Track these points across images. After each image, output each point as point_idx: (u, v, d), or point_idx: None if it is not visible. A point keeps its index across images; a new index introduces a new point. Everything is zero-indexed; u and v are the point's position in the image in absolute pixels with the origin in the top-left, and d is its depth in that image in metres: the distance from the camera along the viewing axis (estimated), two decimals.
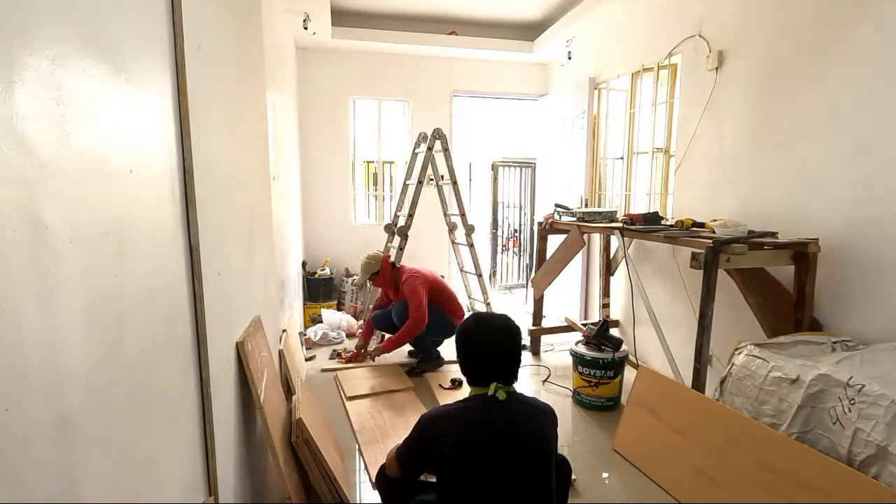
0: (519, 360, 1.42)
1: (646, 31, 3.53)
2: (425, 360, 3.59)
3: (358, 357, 3.60)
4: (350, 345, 3.90)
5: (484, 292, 4.62)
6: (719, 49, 2.81)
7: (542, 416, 1.40)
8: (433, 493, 1.48)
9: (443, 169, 4.46)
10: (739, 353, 2.09)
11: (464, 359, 1.45)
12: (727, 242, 2.13)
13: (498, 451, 1.30)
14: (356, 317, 4.58)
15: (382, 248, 4.57)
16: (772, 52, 2.49)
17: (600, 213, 3.36)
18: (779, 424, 1.82)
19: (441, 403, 2.30)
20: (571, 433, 2.63)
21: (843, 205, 2.14)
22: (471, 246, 4.51)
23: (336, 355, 3.69)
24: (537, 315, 3.84)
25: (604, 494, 2.09)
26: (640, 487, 2.15)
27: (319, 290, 4.67)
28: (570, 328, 3.83)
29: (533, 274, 3.95)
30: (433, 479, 1.44)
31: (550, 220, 3.68)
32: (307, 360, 3.60)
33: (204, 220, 1.23)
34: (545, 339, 3.99)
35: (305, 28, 4.02)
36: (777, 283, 2.39)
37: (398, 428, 2.59)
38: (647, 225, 2.78)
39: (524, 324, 4.16)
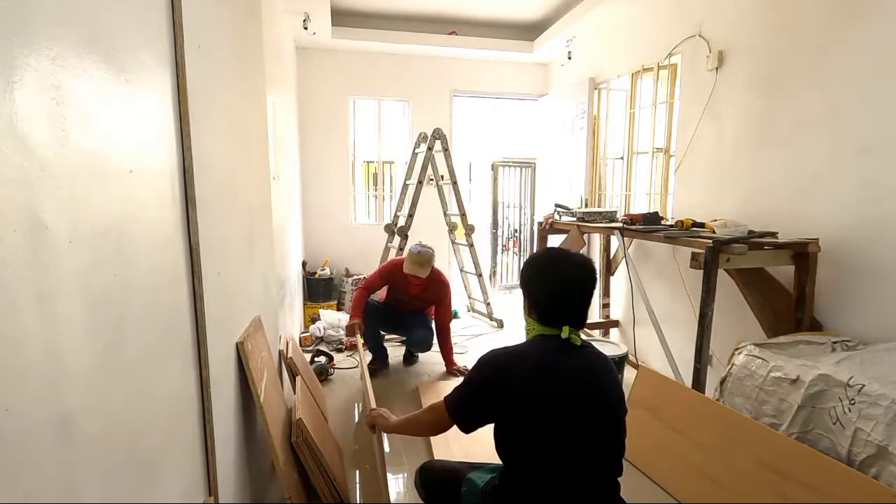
0: (590, 303, 1.30)
1: (646, 31, 3.53)
2: (380, 359, 3.49)
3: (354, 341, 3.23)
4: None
5: (484, 292, 4.62)
6: (719, 49, 2.81)
7: (610, 363, 1.29)
8: (481, 471, 1.44)
9: (443, 169, 4.46)
10: (739, 353, 2.09)
11: (536, 292, 1.29)
12: (727, 242, 2.13)
13: (576, 400, 1.18)
14: None
15: (382, 248, 4.58)
16: (772, 52, 2.49)
17: (600, 213, 3.36)
18: (779, 424, 1.82)
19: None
20: None
21: (843, 205, 2.14)
22: (471, 246, 4.52)
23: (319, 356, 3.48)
24: None
25: None
26: (640, 487, 2.15)
27: (319, 290, 4.68)
28: None
29: None
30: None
31: (550, 220, 3.68)
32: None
33: (204, 220, 1.23)
34: None
35: (305, 28, 4.02)
36: (777, 283, 2.38)
37: None
38: (647, 225, 2.78)
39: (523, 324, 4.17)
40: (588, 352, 1.27)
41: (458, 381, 1.70)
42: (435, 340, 3.41)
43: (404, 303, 3.41)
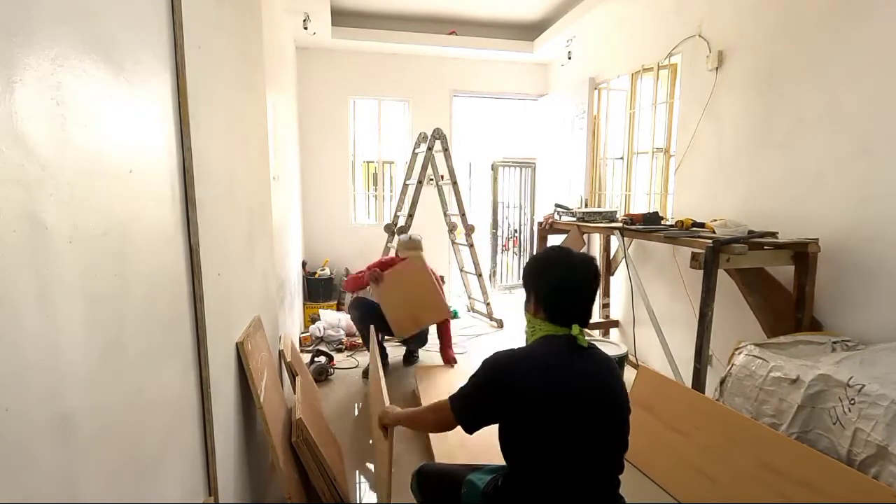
0: (594, 300, 1.30)
1: (646, 31, 3.53)
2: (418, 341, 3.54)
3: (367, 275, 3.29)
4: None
5: (484, 292, 4.62)
6: (719, 49, 2.81)
7: (614, 364, 1.29)
8: (480, 472, 1.41)
9: (443, 169, 4.46)
10: (739, 353, 2.09)
11: (544, 290, 1.27)
12: (727, 242, 2.13)
13: (583, 401, 1.18)
14: None
15: (382, 248, 4.58)
16: (772, 52, 2.49)
17: (600, 213, 3.36)
18: (779, 424, 1.82)
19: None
20: None
21: (843, 205, 2.14)
22: (471, 246, 4.52)
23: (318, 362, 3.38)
24: None
25: None
26: (639, 487, 2.15)
27: (319, 290, 4.67)
28: None
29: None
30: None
31: (550, 220, 3.68)
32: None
33: (204, 220, 1.23)
34: None
35: (305, 28, 4.02)
36: (777, 283, 2.38)
37: None
38: (647, 225, 2.78)
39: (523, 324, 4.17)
40: (593, 353, 1.26)
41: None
42: (431, 335, 3.50)
43: None
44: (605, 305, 4.07)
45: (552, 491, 1.18)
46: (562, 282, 1.25)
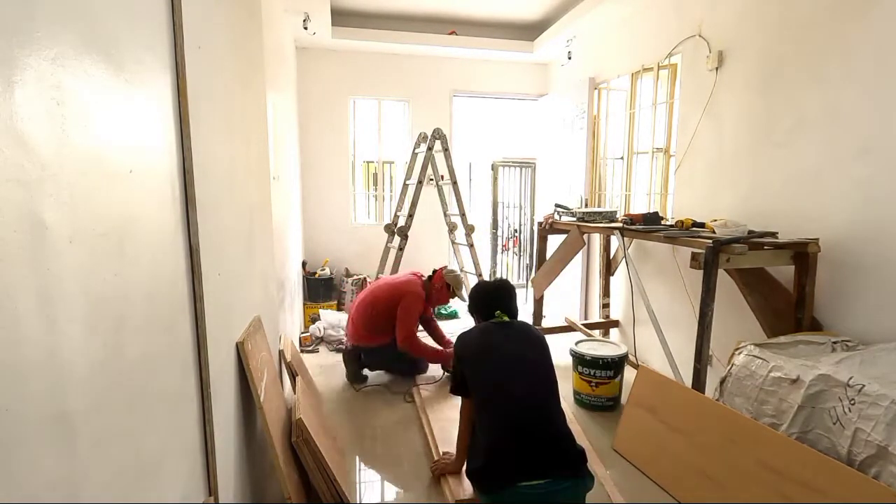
0: (516, 303, 2.05)
1: (646, 31, 3.53)
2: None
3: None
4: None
5: None
6: (719, 49, 2.81)
7: (530, 326, 1.99)
8: (491, 497, 1.65)
9: (443, 169, 4.46)
10: (739, 353, 2.09)
11: (476, 304, 2.08)
12: (727, 242, 2.13)
13: (510, 350, 1.82)
14: None
15: (382, 249, 4.58)
16: (772, 52, 2.49)
17: (600, 213, 3.36)
18: (779, 424, 1.82)
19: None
20: None
21: (843, 205, 2.14)
22: (471, 246, 4.52)
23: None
24: (537, 315, 3.84)
25: (604, 494, 2.09)
26: (640, 487, 2.15)
27: (319, 290, 4.68)
28: (570, 328, 3.83)
29: (533, 274, 3.95)
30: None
31: (550, 220, 3.68)
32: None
33: (204, 220, 1.23)
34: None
35: (305, 28, 4.02)
36: (777, 283, 2.38)
37: None
38: (647, 225, 2.78)
39: None
40: (515, 324, 1.95)
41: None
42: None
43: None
44: (605, 305, 4.07)
45: (507, 419, 1.66)
46: (484, 298, 2.06)
